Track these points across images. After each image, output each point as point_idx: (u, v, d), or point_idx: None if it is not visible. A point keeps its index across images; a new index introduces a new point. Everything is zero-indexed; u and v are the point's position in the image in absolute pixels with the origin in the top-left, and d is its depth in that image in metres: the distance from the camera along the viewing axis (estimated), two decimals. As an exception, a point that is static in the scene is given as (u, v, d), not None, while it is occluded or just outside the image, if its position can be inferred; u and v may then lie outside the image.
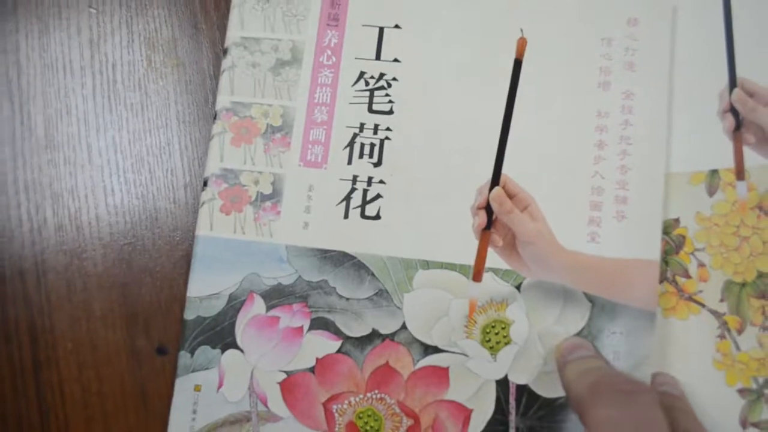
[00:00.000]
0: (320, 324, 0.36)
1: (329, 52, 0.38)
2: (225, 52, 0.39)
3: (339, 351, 0.36)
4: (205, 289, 0.37)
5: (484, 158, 0.37)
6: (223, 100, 0.38)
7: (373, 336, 0.36)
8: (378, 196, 0.37)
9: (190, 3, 0.41)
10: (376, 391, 0.36)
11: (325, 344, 0.36)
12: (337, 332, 0.36)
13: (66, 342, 0.38)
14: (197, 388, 0.36)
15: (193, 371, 0.36)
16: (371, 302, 0.36)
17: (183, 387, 0.36)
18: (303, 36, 0.39)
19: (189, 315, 0.36)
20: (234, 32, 0.39)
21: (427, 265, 0.36)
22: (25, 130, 0.40)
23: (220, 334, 0.36)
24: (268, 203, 0.37)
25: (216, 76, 0.40)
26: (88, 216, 0.39)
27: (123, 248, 0.39)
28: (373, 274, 0.36)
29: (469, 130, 0.37)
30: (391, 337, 0.36)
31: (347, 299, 0.36)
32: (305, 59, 0.38)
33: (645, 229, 0.36)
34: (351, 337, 0.36)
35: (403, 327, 0.36)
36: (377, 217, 0.37)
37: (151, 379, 0.38)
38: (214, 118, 0.38)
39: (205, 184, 0.38)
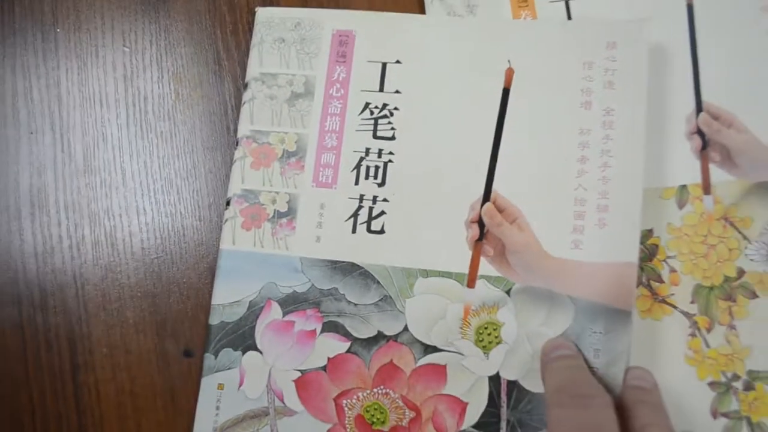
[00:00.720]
0: (331, 327, 0.37)
1: (338, 86, 0.40)
2: (245, 86, 0.40)
3: (348, 351, 0.37)
4: (228, 297, 0.38)
5: (476, 177, 0.37)
6: (243, 129, 0.40)
7: (379, 337, 0.37)
8: (382, 212, 0.38)
9: (213, 42, 0.42)
10: (382, 387, 0.37)
11: (335, 345, 0.37)
12: (346, 334, 0.37)
13: (102, 347, 0.39)
14: (220, 387, 0.37)
15: (216, 371, 0.37)
16: (377, 307, 0.37)
17: (207, 386, 0.37)
18: (315, 71, 0.40)
19: (213, 320, 0.38)
20: (253, 68, 0.40)
21: (426, 273, 0.37)
22: (65, 157, 0.41)
23: (242, 337, 0.38)
24: (284, 220, 0.39)
25: (237, 107, 0.41)
26: (122, 233, 0.41)
27: (153, 262, 0.40)
28: (378, 282, 0.37)
29: (463, 152, 0.38)
30: (395, 338, 0.37)
31: (355, 305, 0.37)
32: (317, 92, 0.40)
33: (625, 233, 0.36)
34: (359, 339, 0.37)
35: (405, 329, 0.37)
36: (382, 231, 0.38)
37: (178, 379, 0.39)
38: (236, 144, 0.40)
39: (227, 203, 0.39)
